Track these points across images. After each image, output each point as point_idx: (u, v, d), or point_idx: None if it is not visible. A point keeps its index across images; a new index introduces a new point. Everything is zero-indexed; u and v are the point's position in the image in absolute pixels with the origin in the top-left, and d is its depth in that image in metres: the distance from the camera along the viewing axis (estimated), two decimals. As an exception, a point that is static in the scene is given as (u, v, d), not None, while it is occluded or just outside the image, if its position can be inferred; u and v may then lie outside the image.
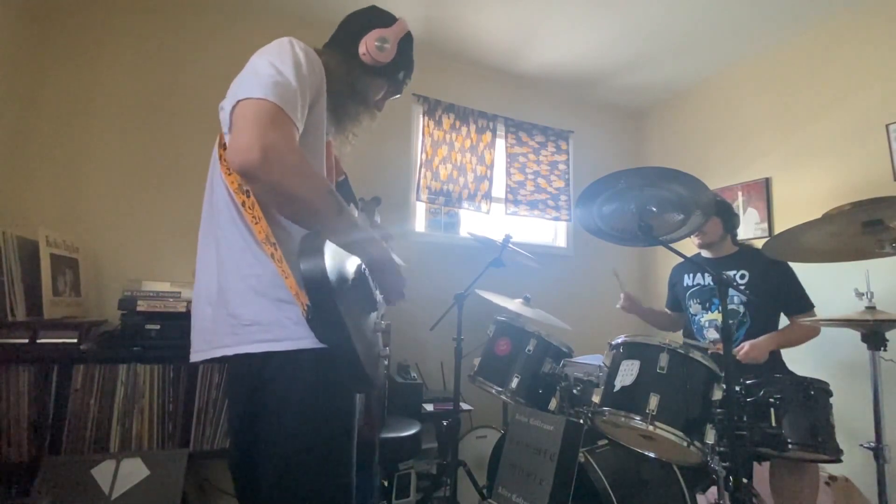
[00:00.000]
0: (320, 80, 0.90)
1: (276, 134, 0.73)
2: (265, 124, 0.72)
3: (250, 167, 0.71)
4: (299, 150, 0.76)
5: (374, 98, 1.12)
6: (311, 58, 0.87)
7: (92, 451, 1.64)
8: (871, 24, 2.28)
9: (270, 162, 0.71)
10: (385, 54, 1.05)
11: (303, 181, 0.76)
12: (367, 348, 0.85)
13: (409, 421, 2.06)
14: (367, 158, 2.63)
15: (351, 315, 0.79)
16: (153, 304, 1.80)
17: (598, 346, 1.77)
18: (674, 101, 3.35)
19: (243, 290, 0.85)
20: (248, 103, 0.75)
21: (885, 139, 2.16)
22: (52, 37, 2.14)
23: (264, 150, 0.70)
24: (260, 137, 0.71)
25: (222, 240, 0.89)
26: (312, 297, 0.73)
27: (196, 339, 0.95)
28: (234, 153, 0.72)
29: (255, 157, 0.70)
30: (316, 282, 0.71)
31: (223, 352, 0.86)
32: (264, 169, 0.71)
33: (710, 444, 1.30)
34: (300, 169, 0.75)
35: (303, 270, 0.72)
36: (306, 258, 0.72)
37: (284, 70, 0.80)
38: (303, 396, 0.84)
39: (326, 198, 0.79)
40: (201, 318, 0.93)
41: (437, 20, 2.57)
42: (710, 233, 2.02)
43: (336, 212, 0.81)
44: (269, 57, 0.82)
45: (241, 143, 0.71)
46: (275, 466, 0.84)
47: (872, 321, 1.41)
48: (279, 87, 0.77)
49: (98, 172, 2.18)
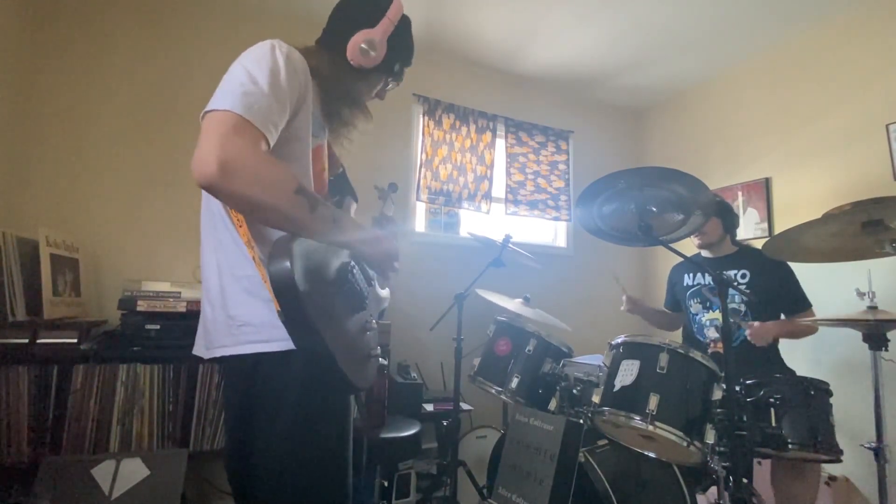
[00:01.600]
0: (304, 86, 0.88)
1: (234, 145, 0.71)
2: (223, 136, 0.71)
3: (207, 180, 0.69)
4: (262, 158, 0.74)
5: (368, 97, 1.11)
6: (292, 63, 0.85)
7: (92, 451, 1.64)
8: (871, 24, 2.28)
9: (227, 174, 0.69)
10: (371, 58, 1.02)
11: (264, 189, 0.73)
12: (349, 350, 0.84)
13: (409, 421, 2.06)
14: (367, 158, 2.63)
15: (329, 316, 0.78)
16: (153, 304, 1.80)
17: (598, 346, 1.77)
18: (674, 101, 3.35)
19: (238, 291, 0.86)
20: (212, 115, 0.74)
21: (885, 139, 2.16)
22: (52, 37, 2.14)
23: (221, 163, 0.69)
24: (216, 150, 0.69)
25: (218, 243, 0.90)
26: (280, 301, 0.72)
27: (199, 337, 0.97)
28: (194, 166, 0.70)
29: (211, 170, 0.68)
30: (281, 285, 0.70)
31: (222, 352, 0.87)
32: (221, 181, 0.69)
33: (710, 444, 1.30)
34: (260, 177, 0.73)
35: (269, 274, 0.71)
36: (273, 261, 0.71)
37: (259, 77, 0.78)
38: (296, 397, 0.84)
39: (293, 199, 0.76)
40: (203, 317, 0.95)
41: (437, 20, 2.57)
42: (710, 233, 2.02)
43: (308, 210, 0.78)
44: (247, 63, 0.81)
45: (198, 156, 0.70)
46: (269, 468, 0.84)
47: (874, 321, 1.41)
48: (248, 97, 0.75)
49: (98, 172, 2.18)
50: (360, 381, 0.84)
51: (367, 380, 0.91)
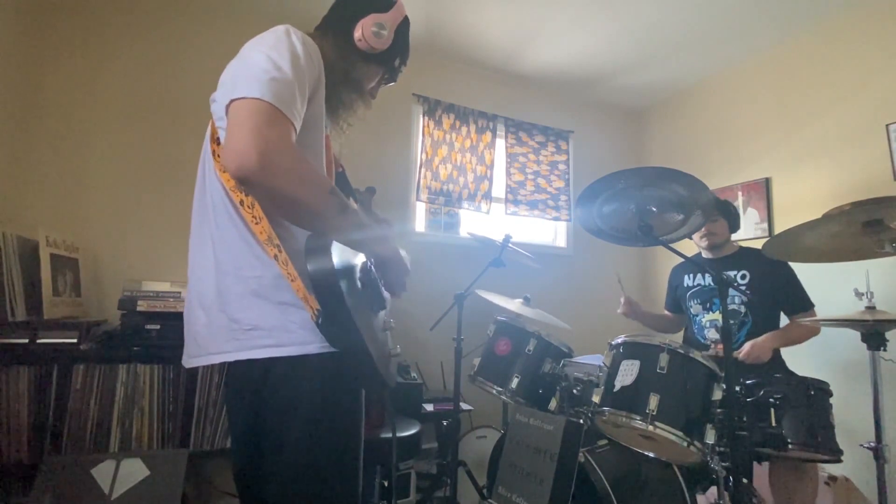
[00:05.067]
0: (319, 72, 0.85)
1: (273, 137, 0.69)
2: (261, 127, 0.69)
3: (247, 173, 0.67)
4: (297, 152, 0.72)
5: (368, 85, 1.09)
6: (309, 48, 0.83)
7: (92, 451, 1.63)
8: (871, 24, 2.28)
9: (268, 167, 0.67)
10: (382, 41, 1.01)
11: (302, 184, 0.71)
12: (379, 348, 0.82)
13: (409, 421, 2.06)
14: (367, 158, 2.63)
15: (361, 315, 0.76)
16: (153, 304, 1.80)
17: (598, 346, 1.77)
18: (674, 101, 3.35)
19: (243, 292, 0.81)
20: (243, 103, 0.71)
21: (885, 139, 2.16)
22: (52, 36, 2.14)
23: (261, 155, 0.66)
24: (256, 141, 0.67)
25: (219, 240, 0.85)
26: (322, 301, 0.70)
27: (189, 344, 0.91)
28: (230, 158, 0.67)
29: (251, 163, 0.66)
30: (326, 284, 0.69)
31: (222, 358, 0.83)
32: (262, 175, 0.67)
33: (710, 444, 1.30)
34: (299, 172, 0.71)
35: (311, 273, 0.69)
36: (314, 260, 0.69)
37: (282, 64, 0.75)
38: (309, 403, 0.81)
39: (328, 199, 0.75)
40: (194, 322, 0.89)
41: (437, 20, 2.57)
42: (720, 234, 2.03)
43: (339, 211, 0.77)
44: (266, 49, 0.77)
45: (236, 148, 0.67)
46: (282, 474, 0.82)
47: (872, 321, 1.41)
48: (275, 83, 0.72)
49: (98, 172, 2.18)
50: (390, 379, 0.82)
51: (392, 377, 0.90)
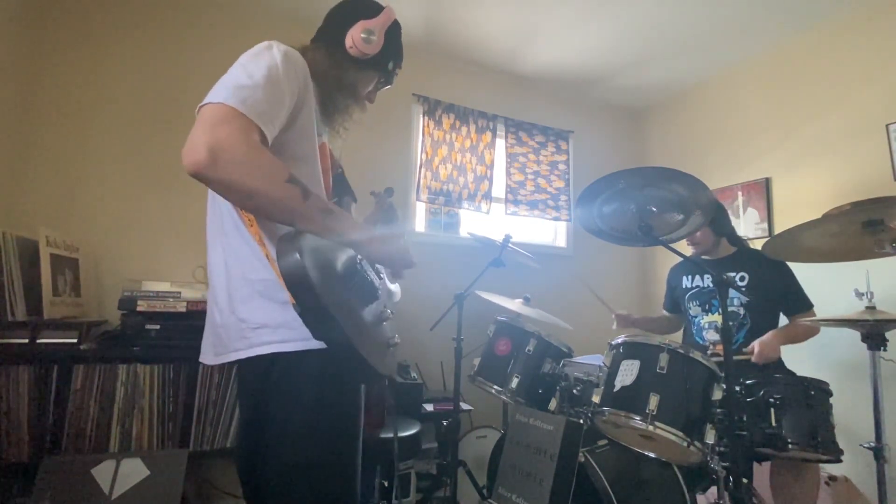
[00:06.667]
0: (303, 84, 0.89)
1: (223, 134, 0.71)
2: (214, 125, 0.72)
3: (197, 167, 0.69)
4: (251, 145, 0.73)
5: (363, 91, 1.12)
6: (291, 61, 0.86)
7: (92, 451, 1.63)
8: (871, 23, 2.28)
9: (217, 161, 0.69)
10: (372, 46, 1.04)
11: (254, 175, 0.72)
12: (369, 339, 0.84)
13: (409, 421, 2.06)
14: (367, 158, 2.63)
15: (345, 307, 0.78)
16: (153, 304, 1.80)
17: (598, 346, 1.77)
18: (674, 101, 3.35)
19: (250, 294, 0.86)
20: (206, 108, 0.75)
21: (885, 139, 2.16)
22: (52, 37, 2.14)
23: (210, 150, 0.69)
24: (206, 138, 0.70)
25: (227, 246, 0.90)
26: (294, 295, 0.72)
27: (206, 342, 0.96)
28: (183, 155, 0.70)
29: (201, 157, 0.69)
30: (294, 278, 0.70)
31: (237, 356, 0.87)
32: (212, 169, 0.69)
33: (710, 444, 1.30)
34: (250, 163, 0.72)
35: (280, 268, 0.71)
36: (282, 255, 0.71)
37: (254, 72, 0.79)
38: (309, 397, 0.84)
39: (286, 187, 0.75)
40: (211, 322, 0.94)
41: (437, 20, 2.57)
42: (703, 241, 2.01)
43: (301, 198, 0.77)
44: (244, 61, 0.82)
45: (188, 145, 0.70)
46: (281, 469, 0.84)
47: (872, 321, 1.41)
48: (241, 90, 0.76)
49: (98, 172, 2.18)
50: (383, 368, 0.83)
51: (390, 367, 0.91)
